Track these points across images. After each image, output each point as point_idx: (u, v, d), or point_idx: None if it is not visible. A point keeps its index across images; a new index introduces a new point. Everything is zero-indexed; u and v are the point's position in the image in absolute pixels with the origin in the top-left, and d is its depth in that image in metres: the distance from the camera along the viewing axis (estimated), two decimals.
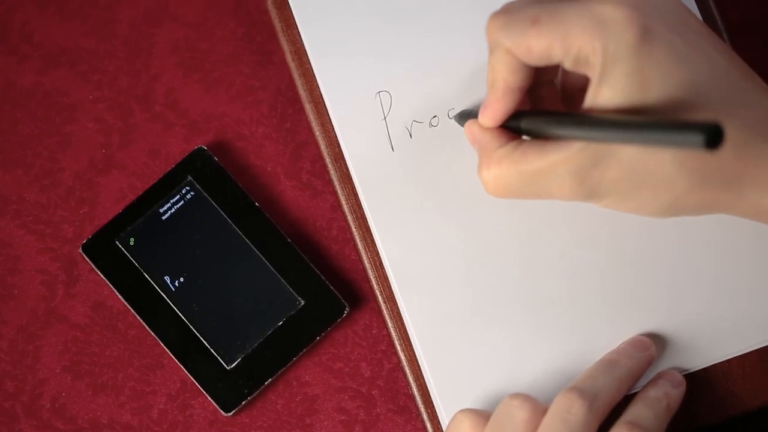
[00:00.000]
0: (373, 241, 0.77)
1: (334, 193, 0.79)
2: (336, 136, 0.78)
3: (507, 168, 0.67)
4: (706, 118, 0.61)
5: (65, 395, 0.80)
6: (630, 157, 0.63)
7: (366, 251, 0.78)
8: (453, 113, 0.77)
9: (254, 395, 0.79)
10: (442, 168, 0.77)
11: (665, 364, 0.75)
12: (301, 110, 0.81)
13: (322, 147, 0.79)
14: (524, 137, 0.69)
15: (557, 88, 0.72)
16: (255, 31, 0.84)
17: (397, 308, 0.77)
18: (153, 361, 0.81)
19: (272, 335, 0.79)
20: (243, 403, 0.79)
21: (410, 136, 0.78)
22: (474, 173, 0.75)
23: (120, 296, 0.80)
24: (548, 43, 0.64)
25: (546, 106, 0.72)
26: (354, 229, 0.78)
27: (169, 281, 0.80)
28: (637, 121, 0.59)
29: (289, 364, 0.79)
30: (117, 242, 0.80)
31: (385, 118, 0.78)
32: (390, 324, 0.77)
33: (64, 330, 0.81)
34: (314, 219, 0.82)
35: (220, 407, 0.79)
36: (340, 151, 0.78)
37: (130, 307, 0.80)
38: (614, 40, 0.62)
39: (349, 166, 0.78)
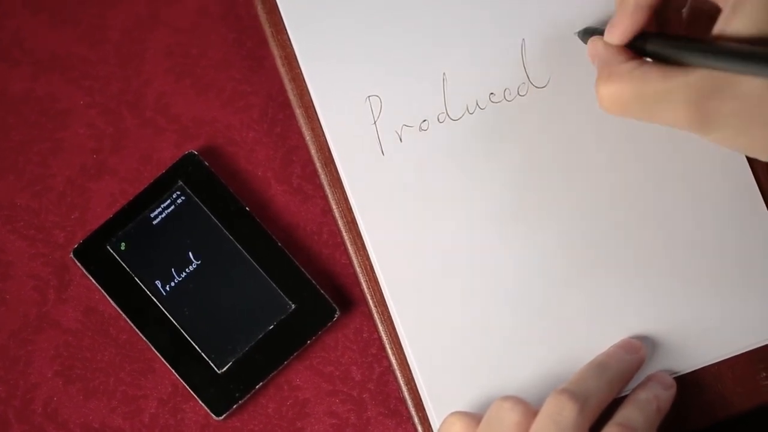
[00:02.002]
0: (363, 245, 0.77)
1: (325, 197, 0.79)
2: (326, 141, 0.78)
3: (626, 85, 0.66)
4: None
5: (57, 400, 0.80)
6: (750, 91, 0.61)
7: (356, 255, 0.77)
8: (576, 30, 0.76)
9: (245, 399, 0.79)
10: (432, 172, 0.77)
11: (655, 366, 0.75)
12: (292, 115, 0.80)
13: (313, 152, 0.78)
14: (647, 59, 0.68)
15: (683, 16, 0.71)
16: (245, 37, 0.83)
17: (388, 312, 0.76)
18: (144, 366, 0.80)
19: (263, 339, 0.79)
20: (234, 407, 0.78)
21: (400, 140, 0.77)
22: (464, 176, 0.75)
23: (111, 301, 0.80)
24: None
25: (670, 30, 0.71)
26: (344, 233, 0.77)
27: (160, 286, 0.79)
28: (764, 51, 0.58)
29: (280, 368, 0.79)
30: (108, 247, 0.80)
31: (375, 122, 0.78)
32: (381, 328, 0.77)
33: (56, 335, 0.81)
34: (305, 223, 0.81)
35: (211, 411, 0.78)
36: (331, 155, 0.78)
37: (121, 312, 0.80)
38: None
39: (339, 171, 0.78)
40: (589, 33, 0.73)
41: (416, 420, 0.76)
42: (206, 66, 0.83)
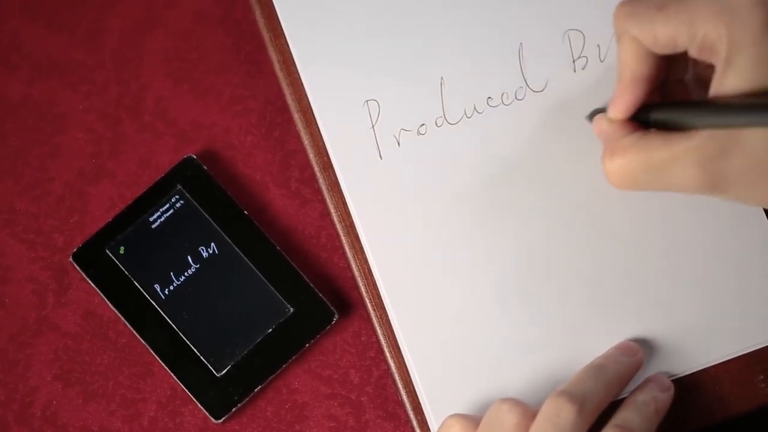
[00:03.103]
0: (362, 248, 0.77)
1: (323, 201, 0.78)
2: (324, 145, 0.78)
3: (632, 158, 0.66)
4: None
5: (56, 403, 0.80)
6: (757, 145, 0.61)
7: (355, 259, 0.77)
8: (584, 115, 0.76)
9: (244, 402, 0.78)
10: (430, 176, 0.77)
11: (653, 368, 0.75)
12: (290, 119, 0.80)
13: (311, 156, 0.78)
14: (651, 130, 0.68)
15: (686, 86, 0.71)
16: (243, 41, 0.83)
17: (386, 315, 0.76)
18: (143, 369, 0.80)
19: (262, 343, 0.78)
20: (233, 410, 0.78)
21: (398, 144, 0.77)
22: (462, 180, 0.75)
23: (110, 304, 0.79)
24: (674, 30, 0.63)
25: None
26: (343, 237, 0.77)
27: (159, 289, 0.79)
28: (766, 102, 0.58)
29: (279, 371, 0.78)
30: (107, 251, 0.79)
31: (373, 126, 0.77)
32: (379, 331, 0.76)
33: (55, 338, 0.80)
34: (303, 227, 0.81)
35: (210, 414, 0.78)
36: (329, 159, 0.78)
37: (120, 316, 0.79)
38: (740, 27, 0.61)
39: (337, 175, 0.77)
40: (595, 113, 0.73)
41: (415, 423, 0.76)
42: (204, 70, 0.83)
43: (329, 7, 0.78)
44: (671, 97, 0.71)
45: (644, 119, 0.68)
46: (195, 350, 0.78)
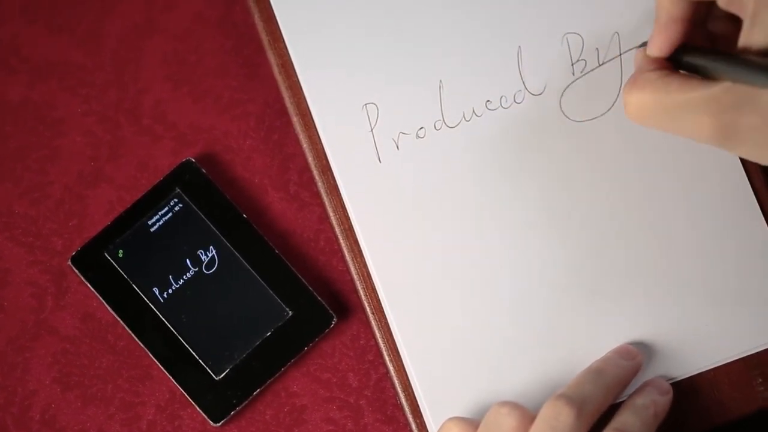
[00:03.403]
0: (360, 252, 0.77)
1: (322, 204, 0.78)
2: (323, 148, 0.78)
3: (648, 94, 0.66)
4: None
5: (55, 407, 0.80)
6: None
7: (354, 262, 0.77)
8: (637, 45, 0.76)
9: (243, 406, 0.78)
10: (429, 179, 0.77)
11: (652, 372, 0.75)
12: (289, 123, 0.80)
13: (310, 159, 0.78)
14: (679, 71, 0.68)
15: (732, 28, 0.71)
16: (242, 44, 0.83)
17: (385, 319, 0.76)
18: (142, 373, 0.80)
19: (260, 346, 0.78)
20: (231, 413, 0.78)
21: (397, 147, 0.77)
22: (461, 183, 0.75)
23: (109, 308, 0.79)
24: None
25: (722, 42, 0.70)
26: (341, 241, 0.77)
27: (157, 293, 0.79)
28: None
29: (278, 374, 0.78)
30: (106, 254, 0.79)
31: (372, 129, 0.77)
32: (378, 334, 0.76)
33: (54, 342, 0.80)
34: (302, 230, 0.81)
35: (209, 418, 0.78)
36: (328, 163, 0.77)
37: (119, 319, 0.79)
38: None
39: (336, 178, 0.77)
40: (644, 44, 0.73)
41: (414, 426, 0.75)
42: (203, 73, 0.83)
43: (328, 10, 0.78)
44: (716, 37, 0.70)
45: (678, 60, 0.67)
46: (194, 354, 0.78)
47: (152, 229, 0.79)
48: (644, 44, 0.72)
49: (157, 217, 0.80)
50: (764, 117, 0.61)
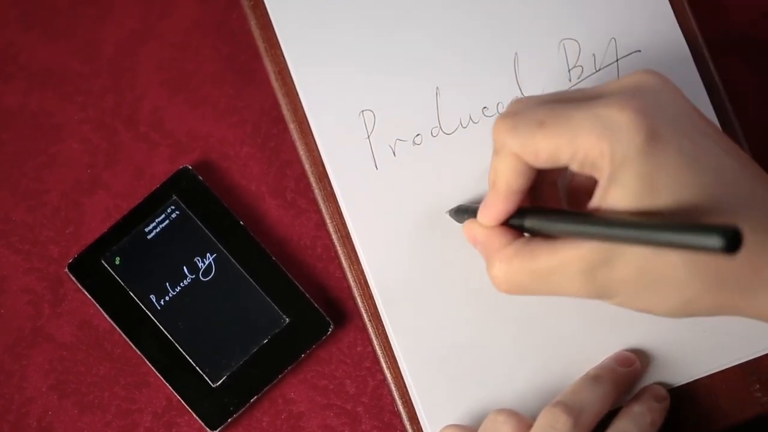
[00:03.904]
0: (357, 259, 0.76)
1: (319, 211, 0.78)
2: (320, 156, 0.77)
3: (517, 266, 0.65)
4: (719, 221, 0.59)
5: (51, 414, 0.79)
6: (640, 257, 0.61)
7: (351, 269, 0.76)
8: (448, 210, 0.75)
9: (240, 413, 0.78)
10: (425, 186, 0.76)
11: (649, 379, 0.74)
12: (285, 130, 0.79)
13: (307, 166, 0.78)
14: (526, 235, 0.67)
15: (558, 188, 0.70)
16: (239, 51, 0.83)
17: (382, 326, 0.76)
18: (139, 380, 0.79)
19: (257, 353, 0.78)
20: (229, 420, 0.78)
21: (394, 154, 0.77)
22: (457, 190, 0.74)
23: (106, 315, 0.79)
24: (555, 146, 0.62)
25: (546, 203, 0.70)
26: (338, 248, 0.77)
27: (154, 300, 0.79)
28: (654, 222, 0.57)
29: (275, 381, 0.78)
30: (103, 261, 0.79)
31: (368, 136, 0.77)
32: (375, 341, 0.76)
33: (51, 349, 0.80)
34: (299, 237, 0.81)
35: (206, 425, 0.78)
36: (325, 170, 0.77)
37: (116, 326, 0.79)
38: (622, 145, 0.60)
39: (333, 185, 0.77)
40: (461, 212, 0.73)
41: None
42: (200, 80, 0.82)
43: (324, 17, 0.78)
44: (542, 198, 0.69)
45: (518, 224, 0.66)
46: (190, 361, 0.78)
47: (149, 237, 0.79)
48: (458, 212, 0.73)
49: (154, 224, 0.79)
50: (633, 269, 0.61)
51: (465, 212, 0.72)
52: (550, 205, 0.70)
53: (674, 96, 0.63)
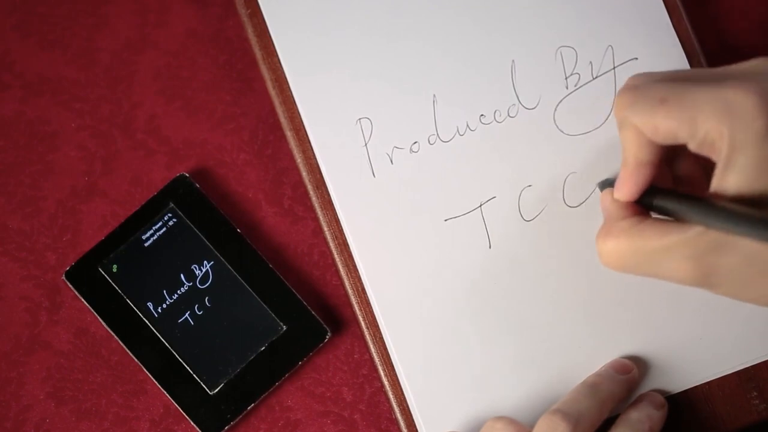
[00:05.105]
0: (355, 266, 0.76)
1: (316, 219, 0.78)
2: (317, 163, 0.77)
3: (624, 242, 0.65)
4: None
5: (49, 422, 0.79)
6: (749, 247, 0.60)
7: (348, 276, 0.76)
8: (598, 182, 0.75)
9: (237, 420, 0.77)
10: (423, 193, 0.76)
11: (647, 386, 0.74)
12: (282, 137, 0.79)
13: (304, 173, 0.77)
14: (653, 214, 0.67)
15: (697, 166, 0.70)
16: (235, 59, 0.82)
17: (380, 333, 0.76)
18: (136, 387, 0.79)
19: (254, 360, 0.77)
20: (226, 428, 0.77)
21: (391, 162, 0.76)
22: (454, 198, 0.74)
23: (103, 323, 0.79)
24: (675, 124, 0.62)
25: (687, 181, 0.70)
26: (336, 255, 0.76)
27: (152, 307, 0.78)
28: (765, 216, 0.57)
29: (272, 388, 0.78)
30: (100, 269, 0.79)
31: (366, 144, 0.77)
32: (372, 348, 0.76)
33: (48, 356, 0.79)
34: (296, 245, 0.80)
35: None
36: (322, 177, 0.77)
37: (113, 334, 0.78)
38: (743, 128, 0.59)
39: (330, 193, 0.77)
40: (606, 184, 0.72)
41: None
42: (196, 88, 0.82)
43: (322, 25, 0.78)
44: (683, 171, 0.69)
45: (648, 203, 0.66)
46: (188, 368, 0.77)
47: (146, 244, 0.79)
48: (605, 183, 0.72)
49: (151, 231, 0.79)
50: (743, 257, 0.61)
51: (610, 184, 0.71)
52: (691, 183, 0.70)
53: None
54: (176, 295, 0.78)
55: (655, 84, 0.64)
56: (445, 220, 0.76)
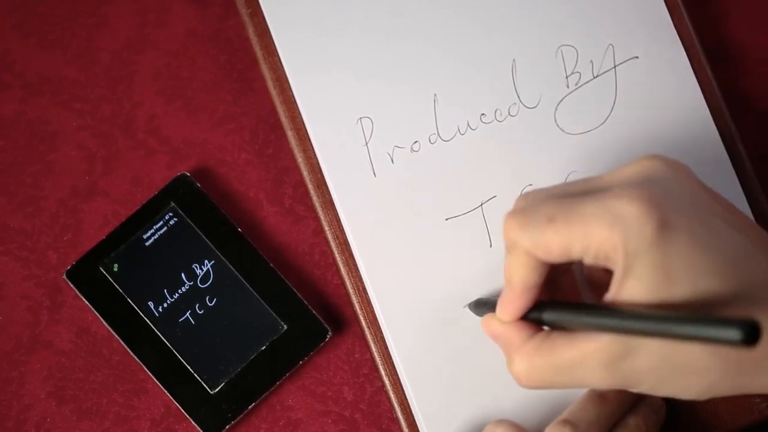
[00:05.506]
0: (356, 265, 0.76)
1: (317, 218, 0.78)
2: (318, 162, 0.77)
3: (539, 361, 0.64)
4: (735, 308, 0.59)
5: (50, 421, 0.79)
6: (661, 347, 0.60)
7: (349, 276, 0.76)
8: (466, 304, 0.75)
9: (238, 419, 0.77)
10: (424, 193, 0.76)
11: None
12: (283, 136, 0.79)
13: (305, 173, 0.77)
14: (546, 328, 0.66)
15: (575, 277, 0.70)
16: (236, 59, 0.82)
17: (381, 332, 0.75)
18: (137, 387, 0.79)
19: (255, 360, 0.77)
20: (227, 427, 0.77)
21: (392, 161, 0.76)
22: (455, 197, 0.73)
23: (104, 322, 0.78)
24: (567, 241, 0.61)
25: (564, 294, 0.69)
26: (337, 254, 0.76)
27: (152, 307, 0.78)
28: (672, 315, 0.56)
29: (273, 388, 0.78)
30: (101, 268, 0.79)
31: (366, 143, 0.76)
32: (373, 348, 0.75)
33: (49, 356, 0.79)
34: (296, 244, 0.80)
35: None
36: (323, 176, 0.77)
37: (114, 333, 0.78)
38: (633, 237, 0.59)
39: (331, 192, 0.77)
40: (480, 306, 0.72)
41: None
42: (197, 88, 0.82)
43: (322, 24, 0.77)
44: (559, 289, 0.69)
45: (536, 317, 0.66)
46: (188, 367, 0.77)
47: (147, 243, 0.79)
48: (477, 305, 0.72)
49: (152, 231, 0.79)
50: (654, 360, 0.60)
51: (484, 306, 0.71)
52: (568, 295, 0.69)
53: (681, 180, 0.62)
54: (177, 295, 0.78)
55: (541, 203, 0.63)
56: (446, 220, 0.75)
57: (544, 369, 0.64)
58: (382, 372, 0.75)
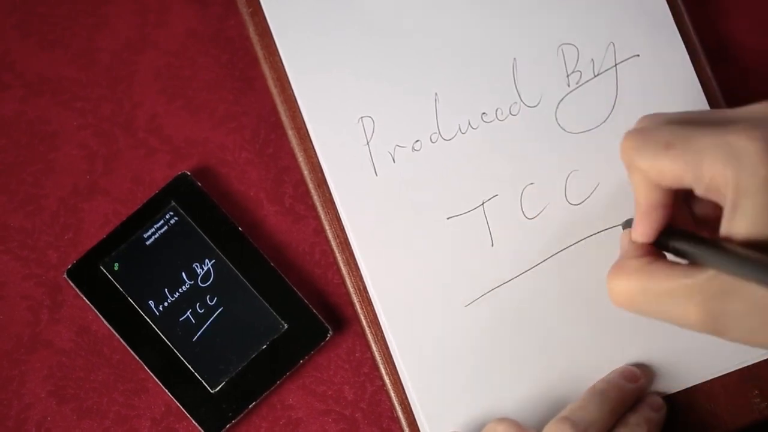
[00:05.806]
0: (356, 265, 0.76)
1: (317, 217, 0.78)
2: (319, 162, 0.77)
3: (633, 282, 0.64)
4: None
5: (50, 420, 0.79)
6: (757, 293, 0.59)
7: (350, 275, 0.76)
8: (622, 221, 0.75)
9: (238, 419, 0.77)
10: (425, 192, 0.76)
11: (648, 386, 0.74)
12: (284, 136, 0.79)
13: (305, 172, 0.77)
14: (670, 256, 0.66)
15: (688, 211, 0.69)
16: (237, 58, 0.82)
17: (381, 331, 0.75)
18: (137, 386, 0.79)
19: (256, 359, 0.77)
20: (227, 426, 0.77)
21: (393, 160, 0.76)
22: (456, 196, 0.74)
23: (105, 321, 0.78)
24: (681, 169, 0.61)
25: (705, 222, 0.69)
26: (337, 254, 0.76)
27: (153, 306, 0.78)
28: None
29: (273, 387, 0.77)
30: (101, 267, 0.78)
31: (368, 143, 0.76)
32: (374, 347, 0.75)
33: (49, 355, 0.79)
34: (297, 243, 0.80)
35: (204, 431, 0.77)
36: (323, 176, 0.77)
37: (114, 332, 0.78)
38: (747, 174, 0.59)
39: (332, 191, 0.77)
40: (629, 224, 0.71)
41: None
42: (197, 87, 0.82)
43: (323, 23, 0.77)
44: (701, 212, 0.69)
45: (665, 244, 0.65)
46: (189, 367, 0.77)
47: (148, 242, 0.79)
48: (627, 223, 0.71)
49: (153, 230, 0.79)
50: (751, 303, 0.60)
51: (630, 224, 0.70)
52: (707, 223, 0.69)
53: None
54: (177, 294, 0.78)
55: (661, 127, 0.63)
56: (447, 219, 0.75)
57: (637, 291, 0.64)
58: (383, 371, 0.75)
